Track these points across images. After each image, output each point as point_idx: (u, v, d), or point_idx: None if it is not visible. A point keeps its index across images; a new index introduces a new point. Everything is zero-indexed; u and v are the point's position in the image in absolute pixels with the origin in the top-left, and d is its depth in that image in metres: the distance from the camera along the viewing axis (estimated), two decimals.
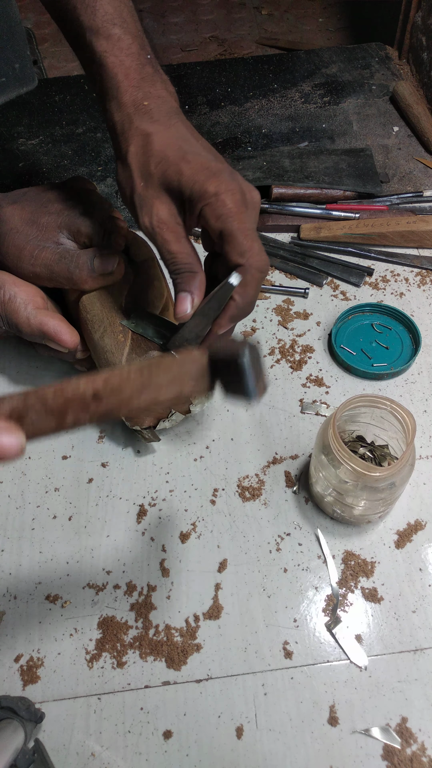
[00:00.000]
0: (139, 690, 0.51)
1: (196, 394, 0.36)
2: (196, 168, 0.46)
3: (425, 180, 0.87)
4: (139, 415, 0.59)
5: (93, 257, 0.58)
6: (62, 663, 0.52)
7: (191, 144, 0.49)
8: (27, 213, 0.60)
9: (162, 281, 0.63)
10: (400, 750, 0.47)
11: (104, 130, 0.98)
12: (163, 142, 0.48)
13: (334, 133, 0.95)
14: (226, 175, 0.47)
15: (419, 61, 1.02)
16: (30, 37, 1.28)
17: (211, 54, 1.42)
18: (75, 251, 0.59)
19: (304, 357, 0.70)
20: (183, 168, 0.47)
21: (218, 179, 0.46)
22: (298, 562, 0.56)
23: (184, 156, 0.47)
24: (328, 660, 0.51)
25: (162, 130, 0.49)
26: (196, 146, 0.49)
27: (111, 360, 0.57)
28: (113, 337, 0.57)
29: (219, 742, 0.48)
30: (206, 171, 0.46)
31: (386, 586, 0.55)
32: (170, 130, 0.49)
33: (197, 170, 0.46)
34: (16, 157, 0.94)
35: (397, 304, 0.73)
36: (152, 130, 0.48)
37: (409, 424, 0.49)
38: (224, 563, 0.56)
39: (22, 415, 0.31)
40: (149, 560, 0.57)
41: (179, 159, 0.47)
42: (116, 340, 0.57)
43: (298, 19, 1.53)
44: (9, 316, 0.58)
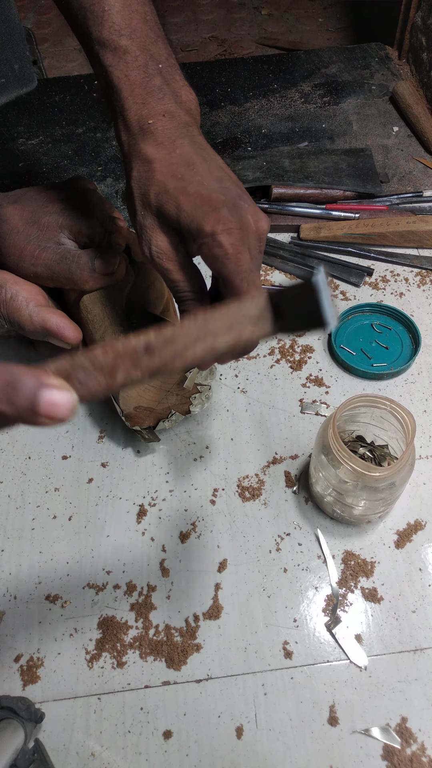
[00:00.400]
0: (139, 690, 0.51)
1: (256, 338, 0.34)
2: (195, 203, 0.44)
3: (425, 180, 0.87)
4: (140, 416, 0.59)
5: (94, 257, 0.58)
6: (62, 663, 0.52)
7: (195, 171, 0.45)
8: (28, 213, 0.60)
9: (162, 281, 0.63)
10: (400, 750, 0.47)
11: (104, 130, 0.98)
12: (164, 171, 0.45)
13: (334, 133, 0.95)
14: (226, 210, 0.43)
15: (419, 61, 1.02)
16: (30, 37, 1.28)
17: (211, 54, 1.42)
18: (76, 251, 0.59)
19: (304, 357, 0.70)
20: (182, 202, 0.44)
21: (216, 216, 0.43)
22: (298, 562, 0.56)
23: (184, 188, 0.44)
24: (328, 660, 0.51)
25: (165, 156, 0.46)
26: (201, 172, 0.45)
27: None
28: (114, 337, 0.57)
29: (219, 742, 0.48)
30: (206, 206, 0.43)
31: (386, 586, 0.55)
32: (173, 154, 0.46)
33: (196, 205, 0.44)
34: (16, 157, 0.94)
35: (397, 304, 0.73)
36: (155, 156, 0.46)
37: (409, 424, 0.49)
38: (224, 563, 0.56)
39: (69, 373, 0.29)
40: (149, 560, 0.57)
41: (179, 192, 0.44)
42: None
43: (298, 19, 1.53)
44: (11, 314, 0.58)
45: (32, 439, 0.65)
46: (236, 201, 0.44)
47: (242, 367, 0.70)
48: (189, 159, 0.46)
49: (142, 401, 0.58)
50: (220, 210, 0.43)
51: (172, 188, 0.45)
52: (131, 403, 0.58)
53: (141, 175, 0.47)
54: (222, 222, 0.43)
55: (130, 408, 0.58)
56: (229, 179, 0.47)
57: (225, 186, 0.45)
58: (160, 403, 0.59)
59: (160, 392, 0.58)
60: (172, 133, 0.47)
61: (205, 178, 0.45)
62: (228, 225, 0.43)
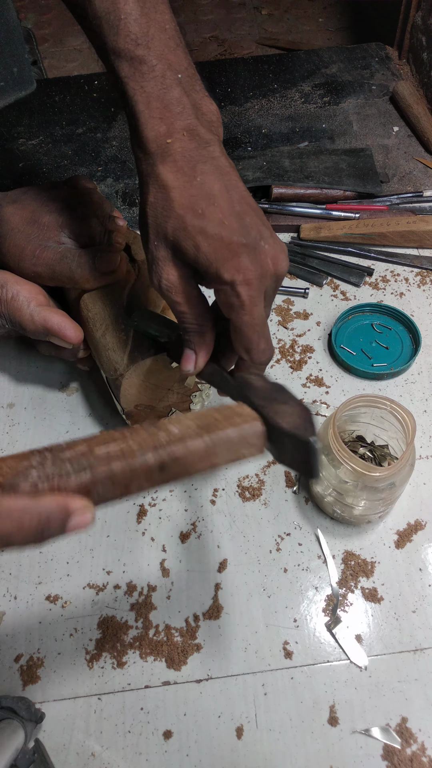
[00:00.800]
0: (139, 690, 0.51)
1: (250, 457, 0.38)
2: (214, 246, 0.42)
3: (425, 180, 0.87)
4: (140, 414, 0.59)
5: (94, 256, 0.58)
6: (62, 663, 0.52)
7: (215, 206, 0.43)
8: (28, 212, 0.60)
9: None
10: (400, 750, 0.47)
11: (104, 130, 0.98)
12: (183, 203, 0.43)
13: (334, 133, 0.95)
14: (246, 258, 0.42)
15: (419, 61, 1.02)
16: (30, 37, 1.28)
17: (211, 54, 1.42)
18: (76, 250, 0.59)
19: (304, 357, 0.70)
20: (200, 243, 0.42)
21: (236, 263, 0.42)
22: (298, 562, 0.56)
23: (203, 228, 0.42)
24: (328, 660, 0.51)
25: (184, 184, 0.43)
26: (222, 207, 0.43)
27: (113, 358, 0.57)
28: (115, 335, 0.57)
29: (219, 742, 0.48)
30: (225, 250, 0.42)
31: (386, 586, 0.55)
32: (193, 183, 0.43)
33: (216, 249, 0.42)
34: (16, 157, 0.94)
35: (397, 304, 0.73)
36: (173, 184, 0.43)
37: (409, 424, 0.49)
38: (224, 563, 0.56)
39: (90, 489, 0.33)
40: (149, 560, 0.57)
41: (198, 231, 0.42)
42: (118, 338, 0.57)
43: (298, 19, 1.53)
44: (12, 314, 0.58)
45: (32, 439, 0.65)
46: (257, 243, 0.43)
47: None
48: (210, 190, 0.43)
49: (143, 399, 0.58)
50: (241, 257, 0.42)
51: (191, 226, 0.42)
52: (132, 402, 0.58)
53: (157, 202, 0.44)
54: (242, 272, 0.42)
55: (131, 406, 0.58)
56: (251, 212, 0.44)
57: (246, 224, 0.43)
58: (161, 401, 0.59)
59: (161, 390, 0.58)
60: (193, 156, 0.44)
61: (226, 216, 0.43)
62: (247, 275, 0.42)
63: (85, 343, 0.62)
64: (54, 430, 0.65)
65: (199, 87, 0.47)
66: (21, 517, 0.31)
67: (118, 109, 1.01)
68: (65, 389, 0.69)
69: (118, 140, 0.96)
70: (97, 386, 0.69)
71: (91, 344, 0.61)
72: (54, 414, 0.67)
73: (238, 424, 0.37)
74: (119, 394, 0.57)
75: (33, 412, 0.67)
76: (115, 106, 1.01)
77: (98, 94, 1.04)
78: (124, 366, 0.55)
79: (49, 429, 0.66)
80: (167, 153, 0.44)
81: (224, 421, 0.37)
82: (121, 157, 0.94)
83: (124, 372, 0.55)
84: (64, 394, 0.68)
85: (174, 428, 0.36)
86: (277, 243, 0.45)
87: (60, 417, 0.66)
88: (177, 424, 0.36)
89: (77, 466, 0.33)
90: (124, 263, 0.60)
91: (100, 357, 0.59)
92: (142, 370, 0.55)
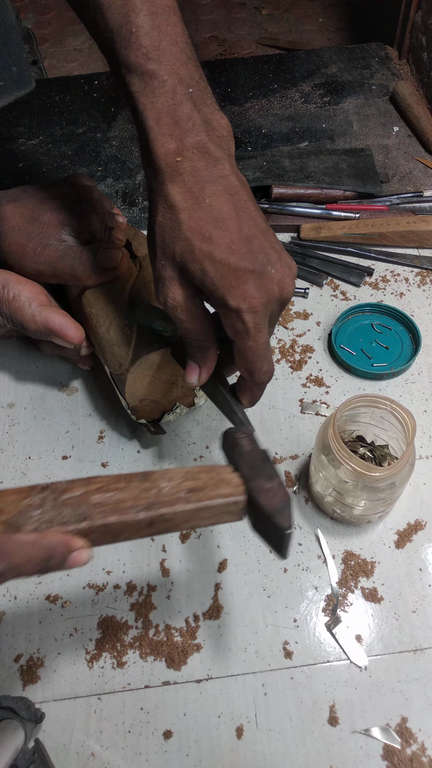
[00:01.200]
0: (139, 690, 0.51)
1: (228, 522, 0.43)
2: (221, 272, 0.43)
3: (425, 180, 0.87)
4: (145, 409, 0.60)
5: (96, 253, 0.58)
6: (62, 663, 0.52)
7: (223, 230, 0.43)
8: (28, 210, 0.60)
9: None
10: (400, 750, 0.47)
11: (104, 130, 0.98)
12: (191, 226, 0.43)
13: (334, 133, 0.95)
14: (252, 285, 0.43)
15: (419, 61, 1.02)
16: (30, 37, 1.28)
17: (211, 54, 1.42)
18: (78, 247, 0.59)
19: (304, 357, 0.70)
20: (207, 269, 0.43)
21: (243, 291, 0.43)
22: (298, 562, 0.56)
23: (211, 254, 0.43)
24: (328, 660, 0.51)
25: (193, 207, 0.43)
26: (230, 231, 0.43)
27: (117, 353, 0.57)
28: (119, 330, 0.57)
29: (219, 742, 0.48)
30: (232, 277, 0.43)
31: (386, 586, 0.55)
32: (202, 206, 0.43)
33: (223, 275, 0.43)
34: (16, 157, 0.94)
35: (397, 304, 0.73)
36: (182, 206, 0.43)
37: (409, 424, 0.49)
38: (224, 563, 0.56)
39: (87, 534, 0.37)
40: (149, 560, 0.57)
41: (205, 256, 0.43)
42: (123, 333, 0.57)
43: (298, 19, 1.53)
44: (14, 314, 0.58)
45: (32, 439, 0.65)
46: (264, 268, 0.43)
47: None
48: (218, 213, 0.43)
49: (148, 394, 0.58)
50: (247, 284, 0.43)
51: (199, 250, 0.43)
52: (137, 397, 0.58)
53: (165, 222, 0.44)
54: (247, 299, 0.43)
55: (136, 401, 0.58)
56: (260, 234, 0.44)
57: (254, 248, 0.43)
58: (165, 395, 0.60)
59: (166, 385, 0.59)
60: (202, 176, 0.43)
61: (234, 240, 0.43)
62: (253, 303, 0.43)
63: (87, 341, 0.62)
64: (54, 430, 0.65)
65: (210, 101, 0.47)
66: (30, 551, 0.35)
67: (118, 108, 1.01)
68: (65, 389, 0.69)
69: (118, 140, 0.96)
70: (98, 385, 0.69)
71: (94, 341, 0.61)
72: (54, 414, 0.67)
73: (224, 495, 0.40)
74: (124, 389, 0.57)
75: (33, 411, 0.67)
76: (116, 106, 1.01)
77: (98, 94, 1.04)
78: (129, 361, 0.56)
79: (49, 429, 0.66)
80: (177, 172, 0.43)
81: (212, 487, 0.40)
82: (121, 157, 0.94)
83: (129, 367, 0.56)
84: (64, 393, 0.68)
85: (165, 485, 0.40)
86: (284, 266, 0.45)
87: (60, 417, 0.66)
88: (168, 481, 0.40)
89: (75, 514, 0.37)
90: (125, 259, 0.60)
91: (104, 353, 0.59)
92: (147, 364, 0.56)
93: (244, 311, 0.43)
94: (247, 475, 0.42)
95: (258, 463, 0.43)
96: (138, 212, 0.86)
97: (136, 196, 0.88)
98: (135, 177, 0.91)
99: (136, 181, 0.90)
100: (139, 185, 0.90)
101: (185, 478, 0.41)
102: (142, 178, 0.90)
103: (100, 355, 0.61)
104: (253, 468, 0.42)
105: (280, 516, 0.39)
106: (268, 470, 0.42)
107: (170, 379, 0.58)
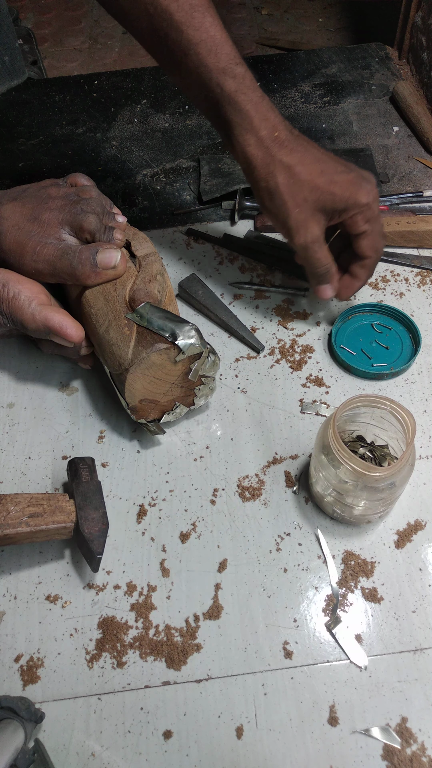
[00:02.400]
0: (139, 690, 0.51)
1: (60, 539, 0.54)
2: (344, 186, 0.58)
3: (425, 180, 0.87)
4: (145, 408, 0.60)
5: (95, 252, 0.58)
6: (62, 663, 0.52)
7: (328, 164, 0.58)
8: (28, 209, 0.60)
9: (164, 275, 0.63)
10: (400, 750, 0.47)
11: (104, 130, 0.98)
12: (307, 172, 0.57)
13: (334, 133, 0.95)
14: (365, 184, 0.59)
15: (419, 61, 1.02)
16: (30, 37, 1.28)
17: None
18: (77, 247, 0.60)
19: (304, 357, 0.70)
20: (335, 190, 0.57)
21: (365, 189, 0.58)
22: (298, 562, 0.56)
23: (331, 180, 0.57)
24: (328, 660, 0.51)
25: (302, 160, 0.58)
26: (332, 164, 0.59)
27: (117, 353, 0.57)
28: (119, 330, 0.57)
29: (219, 742, 0.48)
30: (353, 186, 0.58)
31: (386, 586, 0.55)
32: (307, 156, 0.58)
33: (346, 188, 0.58)
34: (16, 157, 0.94)
35: (397, 304, 0.73)
36: (294, 162, 0.57)
37: (409, 424, 0.49)
38: (224, 563, 0.56)
39: None
40: (149, 560, 0.57)
41: (328, 183, 0.57)
42: (122, 333, 0.57)
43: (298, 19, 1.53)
44: (14, 313, 0.58)
45: (32, 439, 0.65)
46: (363, 174, 0.60)
47: (242, 367, 0.70)
48: (318, 157, 0.59)
49: (148, 394, 0.58)
50: (363, 185, 0.58)
51: (322, 183, 0.57)
52: (137, 397, 0.58)
53: (287, 180, 0.58)
54: (371, 194, 0.59)
55: (136, 401, 0.58)
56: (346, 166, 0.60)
57: (350, 168, 0.60)
58: (164, 395, 0.60)
59: (166, 384, 0.59)
60: (293, 140, 0.59)
61: (337, 168, 0.59)
62: (375, 194, 0.59)
63: (87, 341, 0.62)
64: (54, 430, 0.65)
65: None
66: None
67: (118, 108, 1.01)
68: (65, 389, 0.69)
69: (118, 140, 0.96)
70: (97, 385, 0.69)
71: (94, 341, 0.61)
72: (54, 414, 0.67)
73: (58, 522, 0.52)
74: (124, 389, 0.57)
75: (33, 411, 0.67)
76: (116, 106, 1.01)
77: (98, 94, 1.04)
78: (129, 361, 0.56)
79: (48, 429, 0.66)
80: (280, 143, 0.58)
81: (49, 514, 0.52)
82: (121, 157, 0.94)
83: (128, 367, 0.56)
84: (64, 393, 0.68)
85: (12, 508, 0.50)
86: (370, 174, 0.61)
87: (60, 417, 0.66)
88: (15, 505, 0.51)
89: None
90: (124, 260, 0.60)
91: (103, 353, 0.59)
92: (147, 364, 0.56)
93: (372, 201, 0.59)
94: (79, 504, 0.53)
95: (90, 494, 0.54)
96: (138, 212, 0.86)
97: (136, 196, 0.88)
98: (135, 177, 0.91)
99: (136, 181, 0.90)
100: (139, 185, 0.90)
101: (29, 503, 0.51)
102: (142, 178, 0.91)
103: (100, 355, 0.61)
104: (86, 498, 0.54)
105: (96, 543, 0.51)
106: (96, 501, 0.54)
107: (170, 379, 0.58)
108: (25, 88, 1.04)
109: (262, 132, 0.58)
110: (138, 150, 0.94)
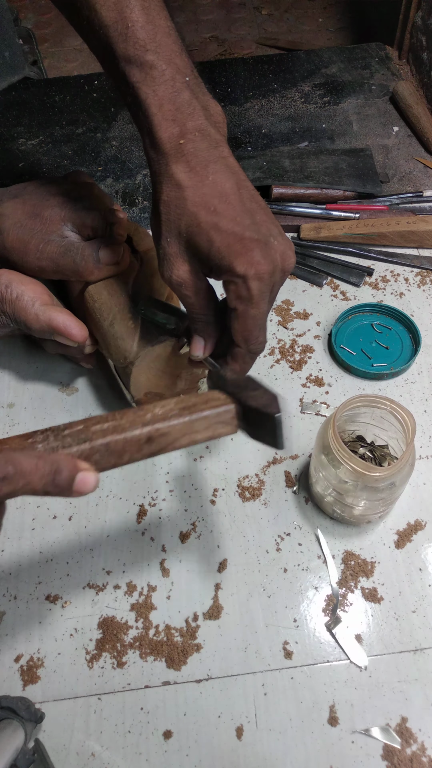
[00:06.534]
0: (139, 690, 0.51)
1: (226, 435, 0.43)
2: (228, 241, 0.44)
3: (425, 180, 0.87)
4: (150, 401, 0.60)
5: (98, 248, 0.59)
6: (62, 663, 0.52)
7: (228, 203, 0.45)
8: (29, 207, 0.61)
9: None
10: (400, 750, 0.47)
11: (104, 130, 0.98)
12: (196, 201, 0.45)
13: (334, 133, 0.95)
14: (258, 252, 0.44)
15: (419, 61, 1.02)
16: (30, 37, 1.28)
17: (211, 54, 1.42)
18: (80, 243, 0.60)
19: (304, 357, 0.70)
20: (214, 238, 0.44)
21: (249, 258, 0.44)
22: (298, 562, 0.56)
23: (216, 224, 0.44)
24: (328, 660, 0.51)
25: (197, 184, 0.45)
26: (234, 204, 0.45)
27: (122, 346, 0.57)
28: (123, 324, 0.58)
29: (219, 742, 0.48)
30: (238, 244, 0.44)
31: (386, 586, 0.55)
32: (206, 182, 0.45)
33: (229, 243, 0.44)
34: (16, 157, 0.94)
35: (397, 304, 0.73)
36: (187, 183, 0.45)
37: (409, 424, 0.49)
38: (224, 563, 0.56)
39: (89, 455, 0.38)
40: (149, 560, 0.57)
41: (211, 227, 0.45)
42: (127, 327, 0.57)
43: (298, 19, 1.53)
44: (17, 313, 0.58)
45: None
46: (267, 239, 0.45)
47: None
48: (222, 189, 0.45)
49: (153, 387, 0.59)
50: (253, 252, 0.44)
51: (205, 222, 0.45)
52: (142, 390, 0.58)
53: (171, 200, 0.46)
54: (254, 266, 0.44)
55: (141, 394, 0.59)
56: (261, 210, 0.47)
57: (257, 221, 0.45)
58: (169, 388, 0.60)
59: (171, 377, 0.59)
60: (205, 156, 0.46)
61: (238, 213, 0.45)
62: (259, 269, 0.44)
63: (91, 339, 0.62)
64: None
65: (204, 89, 0.49)
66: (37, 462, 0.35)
67: (118, 109, 1.01)
68: (65, 389, 0.69)
69: (118, 140, 0.96)
70: (98, 386, 0.69)
71: (98, 335, 0.62)
72: (54, 414, 0.67)
73: (215, 406, 0.42)
74: (129, 382, 0.57)
75: (33, 412, 0.67)
76: (116, 106, 1.01)
77: (98, 94, 1.04)
78: (134, 354, 0.56)
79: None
80: (180, 153, 0.46)
81: (202, 404, 0.42)
82: (121, 157, 0.94)
83: (133, 360, 0.56)
84: (64, 393, 0.68)
85: (158, 410, 0.41)
86: (285, 240, 0.47)
87: (60, 417, 0.66)
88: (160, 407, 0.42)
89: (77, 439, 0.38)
90: (126, 255, 0.61)
91: (108, 347, 0.60)
92: (152, 356, 0.56)
93: (251, 278, 0.44)
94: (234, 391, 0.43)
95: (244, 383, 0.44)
96: (138, 212, 0.86)
97: (136, 196, 0.88)
98: (135, 177, 0.91)
99: (136, 181, 0.90)
100: (139, 185, 0.90)
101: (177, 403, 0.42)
102: (142, 178, 0.91)
103: (104, 350, 0.61)
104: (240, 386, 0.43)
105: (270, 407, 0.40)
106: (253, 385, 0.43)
107: (175, 371, 0.59)
108: (25, 88, 1.04)
109: (162, 134, 0.46)
110: (138, 150, 0.94)
